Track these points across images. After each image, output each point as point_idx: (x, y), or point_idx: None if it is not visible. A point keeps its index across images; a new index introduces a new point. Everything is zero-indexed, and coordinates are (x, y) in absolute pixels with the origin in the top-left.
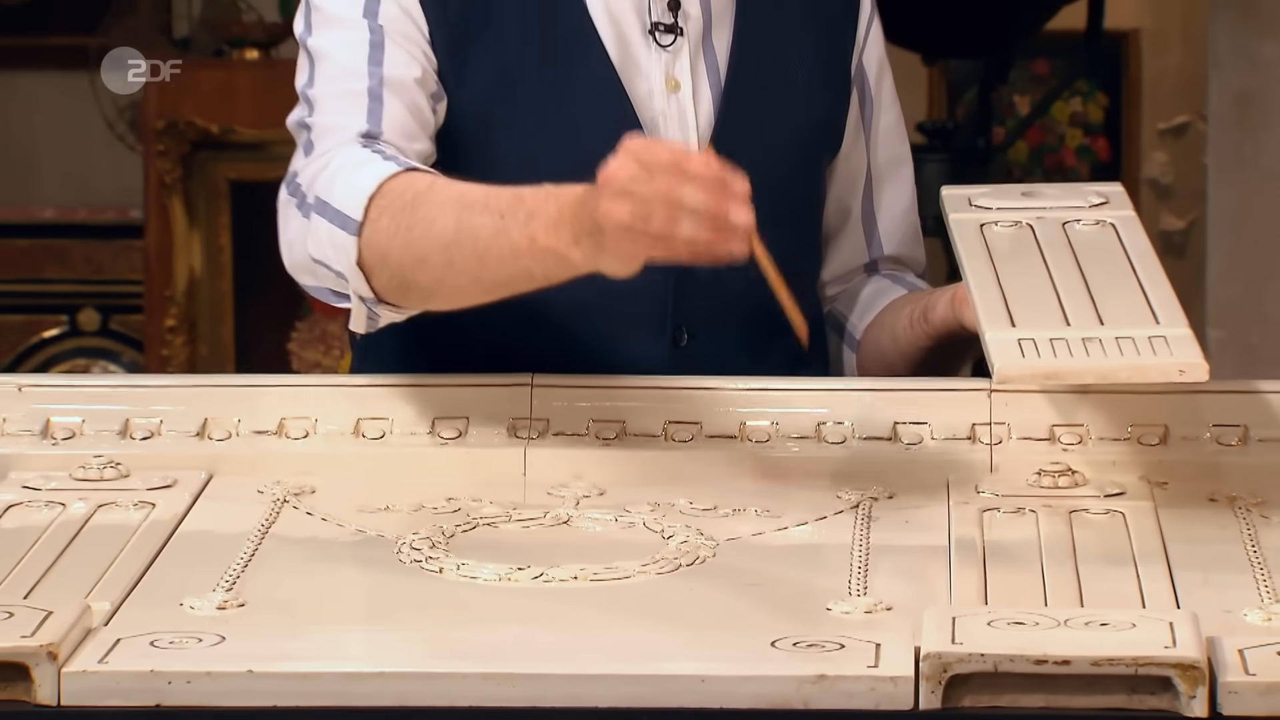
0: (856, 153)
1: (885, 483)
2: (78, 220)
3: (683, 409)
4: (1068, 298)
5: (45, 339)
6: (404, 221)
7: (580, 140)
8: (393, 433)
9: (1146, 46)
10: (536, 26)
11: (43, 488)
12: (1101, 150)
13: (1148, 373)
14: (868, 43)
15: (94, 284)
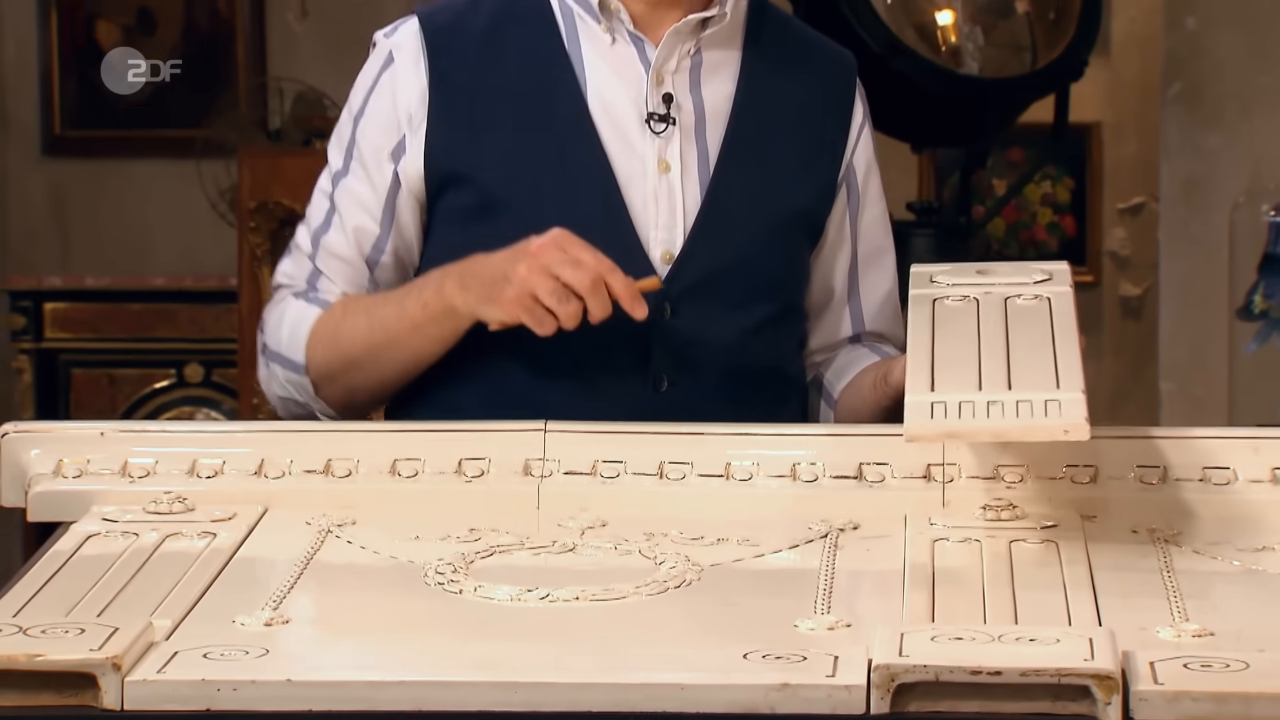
0: (843, 241)
1: (851, 515)
2: (185, 287)
3: (676, 451)
4: (987, 364)
5: (156, 389)
6: (333, 345)
7: (575, 217)
8: (424, 472)
9: (1107, 137)
10: (537, 116)
11: (119, 520)
12: (1069, 227)
13: (1036, 433)
14: (858, 146)
15: (198, 342)
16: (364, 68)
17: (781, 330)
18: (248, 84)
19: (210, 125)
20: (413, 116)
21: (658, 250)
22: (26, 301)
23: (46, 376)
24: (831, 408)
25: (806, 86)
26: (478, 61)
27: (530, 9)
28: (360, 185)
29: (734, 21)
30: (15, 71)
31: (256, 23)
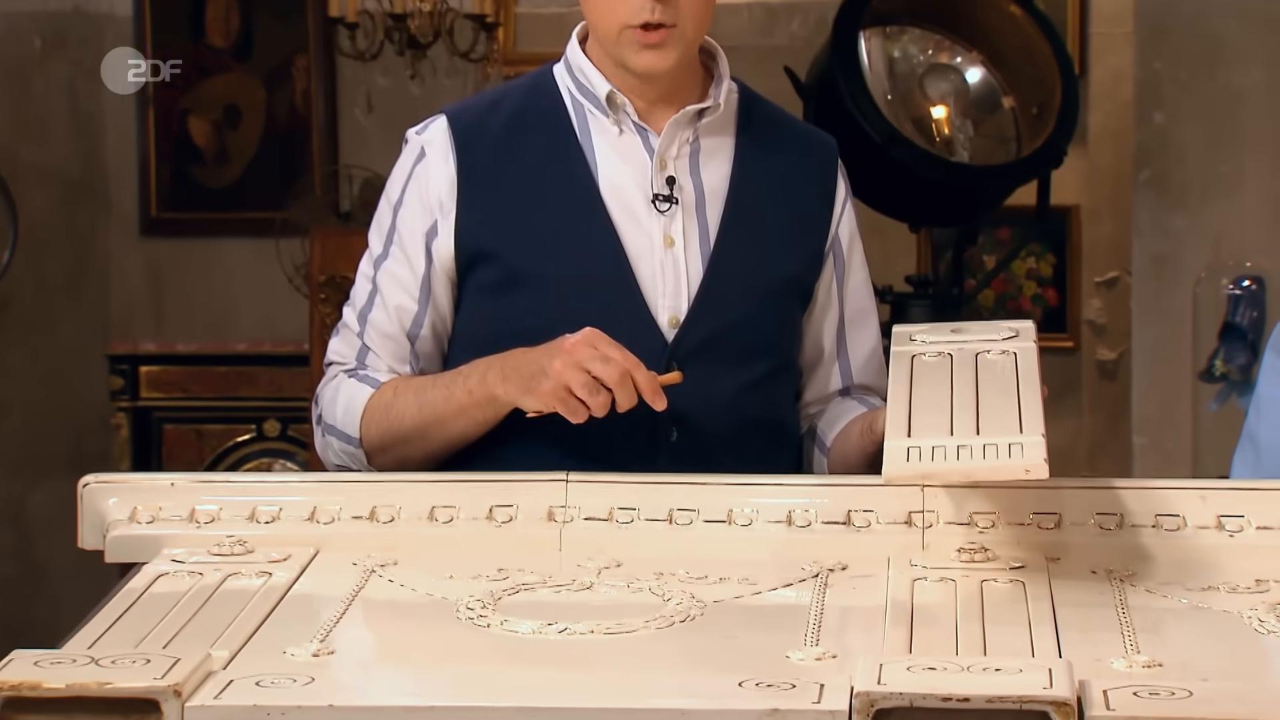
0: (830, 304)
1: (840, 557)
2: (264, 351)
3: (684, 499)
4: (959, 412)
5: (239, 442)
6: (385, 423)
7: (590, 289)
8: (458, 518)
9: (1085, 218)
10: (554, 200)
11: (186, 561)
12: (1051, 298)
13: (1000, 472)
14: (842, 219)
15: (276, 400)
16: (399, 161)
17: (777, 385)
18: (321, 171)
19: (288, 208)
20: (443, 203)
21: (665, 316)
22: (124, 365)
23: (141, 432)
24: (825, 454)
25: (794, 168)
26: (500, 153)
27: (546, 106)
28: (399, 267)
29: (727, 111)
30: (117, 162)
31: (329, 117)
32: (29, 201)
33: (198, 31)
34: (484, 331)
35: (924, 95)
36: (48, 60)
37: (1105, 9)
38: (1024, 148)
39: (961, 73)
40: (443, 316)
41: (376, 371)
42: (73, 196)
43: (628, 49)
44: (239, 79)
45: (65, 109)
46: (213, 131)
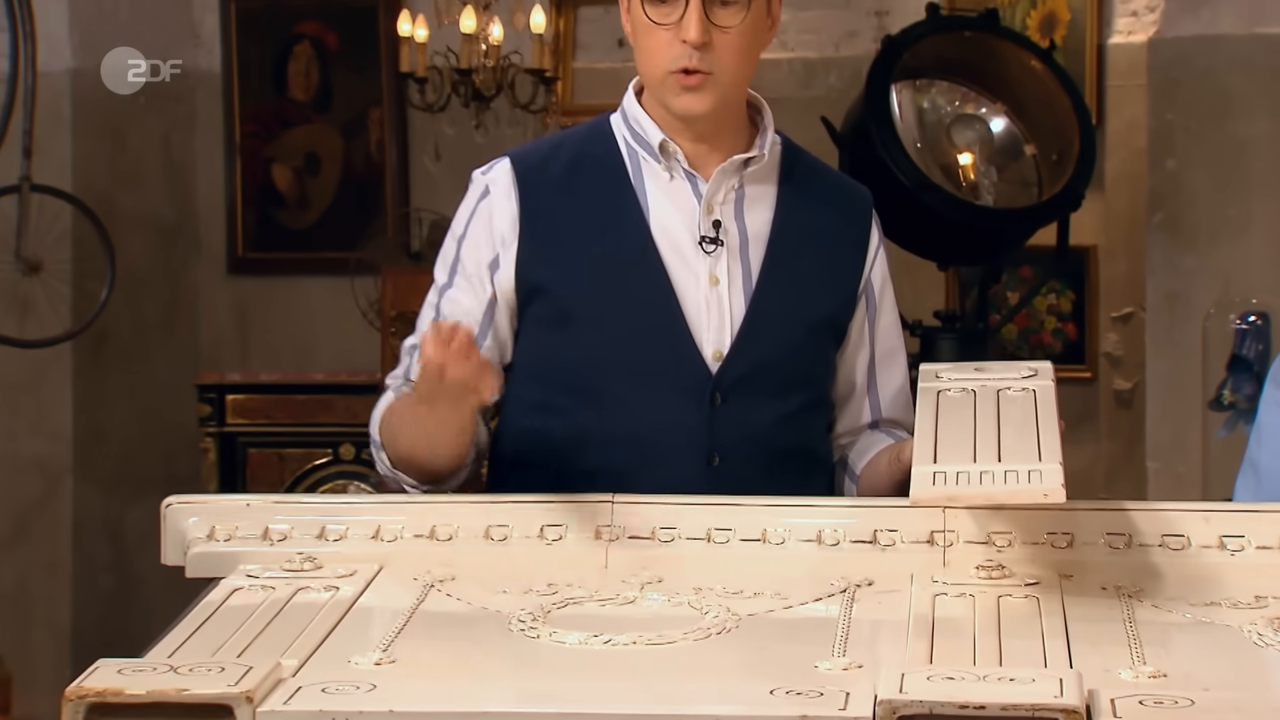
0: (862, 343)
1: (866, 574)
2: (340, 381)
3: (721, 519)
4: (981, 442)
5: (316, 465)
6: (387, 434)
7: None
8: (512, 536)
9: (1102, 258)
10: (608, 240)
11: (260, 576)
12: (1071, 332)
13: (1020, 496)
14: (874, 264)
15: (351, 426)
16: (464, 199)
17: (812, 417)
18: (393, 214)
19: (362, 248)
20: (505, 238)
21: (709, 349)
22: (212, 394)
23: (227, 455)
24: (854, 482)
25: (831, 216)
26: (559, 194)
27: (603, 152)
28: (463, 295)
29: (770, 161)
30: (207, 206)
31: (401, 164)
32: (126, 244)
33: (281, 86)
34: (542, 361)
35: (951, 143)
36: (143, 113)
37: (1121, 63)
38: (1044, 192)
39: (986, 122)
40: (503, 344)
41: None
42: (166, 239)
43: (669, 92)
44: (318, 129)
45: (159, 158)
46: (294, 178)
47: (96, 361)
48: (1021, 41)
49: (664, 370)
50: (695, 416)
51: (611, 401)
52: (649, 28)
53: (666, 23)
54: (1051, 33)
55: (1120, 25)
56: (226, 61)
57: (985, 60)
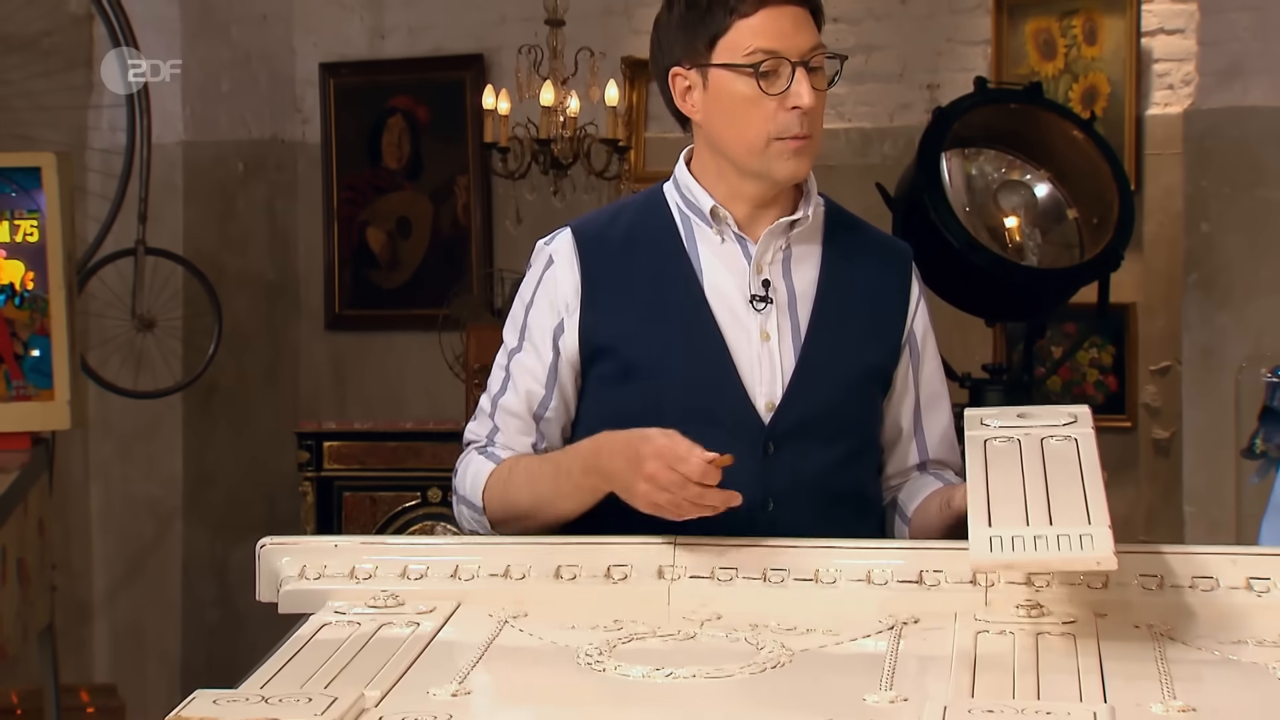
0: (907, 390)
1: (913, 611)
2: (428, 429)
3: (777, 560)
4: (1031, 501)
5: (406, 508)
6: (503, 498)
7: (696, 379)
8: (580, 575)
9: (1141, 315)
10: (665, 301)
11: (347, 612)
12: (1112, 384)
13: (1074, 564)
14: (916, 315)
15: (438, 471)
16: (530, 268)
17: (861, 461)
18: (478, 274)
19: (449, 306)
20: (569, 304)
21: (762, 401)
22: (310, 441)
23: (324, 498)
24: (906, 524)
25: (874, 272)
26: (618, 261)
27: (658, 219)
28: (530, 359)
29: (815, 223)
30: (307, 267)
31: (485, 228)
32: (232, 302)
33: (375, 156)
34: (606, 416)
35: (998, 207)
36: (249, 182)
37: (1158, 133)
38: (1086, 253)
39: (1031, 188)
40: (567, 402)
41: (503, 448)
42: (269, 297)
43: (775, 160)
44: (409, 196)
45: (264, 223)
46: (387, 241)
47: (205, 411)
48: (1064, 112)
49: (719, 421)
50: (749, 464)
51: None
52: (753, 99)
53: (774, 92)
54: (1093, 104)
55: (1158, 97)
56: (325, 133)
57: (1030, 130)
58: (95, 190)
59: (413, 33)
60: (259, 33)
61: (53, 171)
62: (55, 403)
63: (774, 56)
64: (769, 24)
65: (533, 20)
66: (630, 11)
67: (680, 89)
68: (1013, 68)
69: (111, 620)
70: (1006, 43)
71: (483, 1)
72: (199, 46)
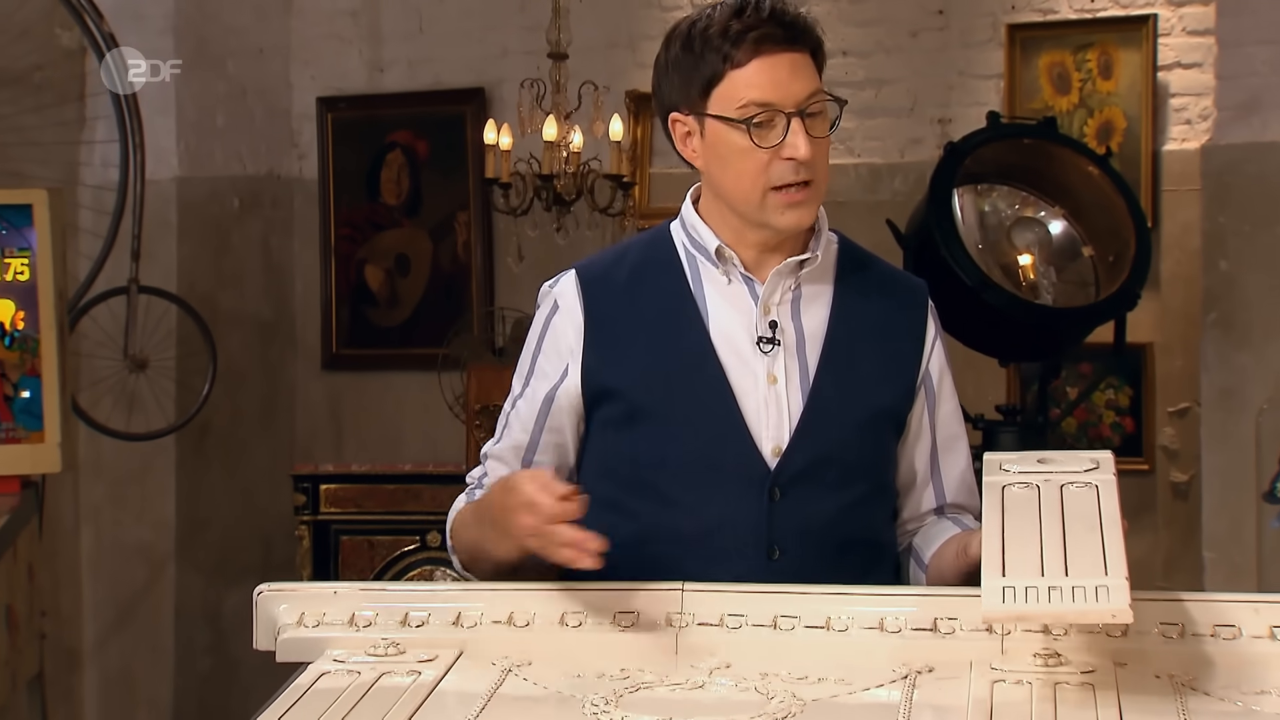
0: (923, 432)
1: (927, 660)
2: (427, 471)
3: (787, 607)
4: (1048, 550)
5: (405, 552)
6: (462, 541)
7: (701, 422)
8: (586, 623)
9: (1157, 354)
10: (670, 343)
11: (346, 660)
12: (1128, 426)
13: (1089, 616)
14: (932, 355)
15: (438, 515)
16: (537, 313)
17: (873, 506)
18: (479, 313)
19: (449, 345)
20: (573, 349)
21: (768, 446)
22: (307, 484)
23: (321, 542)
24: (923, 570)
25: (888, 310)
26: (623, 301)
27: (663, 259)
28: (526, 406)
29: (826, 260)
30: (303, 305)
31: (486, 265)
32: (227, 341)
33: (373, 192)
34: (610, 460)
35: (1011, 245)
36: (245, 218)
37: (1175, 169)
38: (1102, 292)
39: (1045, 225)
40: (562, 445)
41: (480, 489)
42: (264, 336)
43: (773, 210)
44: (408, 232)
45: (259, 261)
46: (385, 278)
47: (198, 453)
48: (1079, 148)
49: (723, 466)
50: (755, 511)
51: (674, 498)
52: (748, 151)
53: (767, 145)
54: (1108, 140)
55: (1174, 133)
56: (323, 169)
57: (1044, 165)
58: (87, 227)
59: (412, 66)
60: (255, 66)
61: (44, 208)
62: (45, 445)
63: (768, 109)
64: (762, 74)
65: (535, 54)
66: (635, 44)
67: (680, 134)
68: (1026, 102)
69: (102, 668)
70: (1019, 76)
71: (484, 35)
72: (194, 80)
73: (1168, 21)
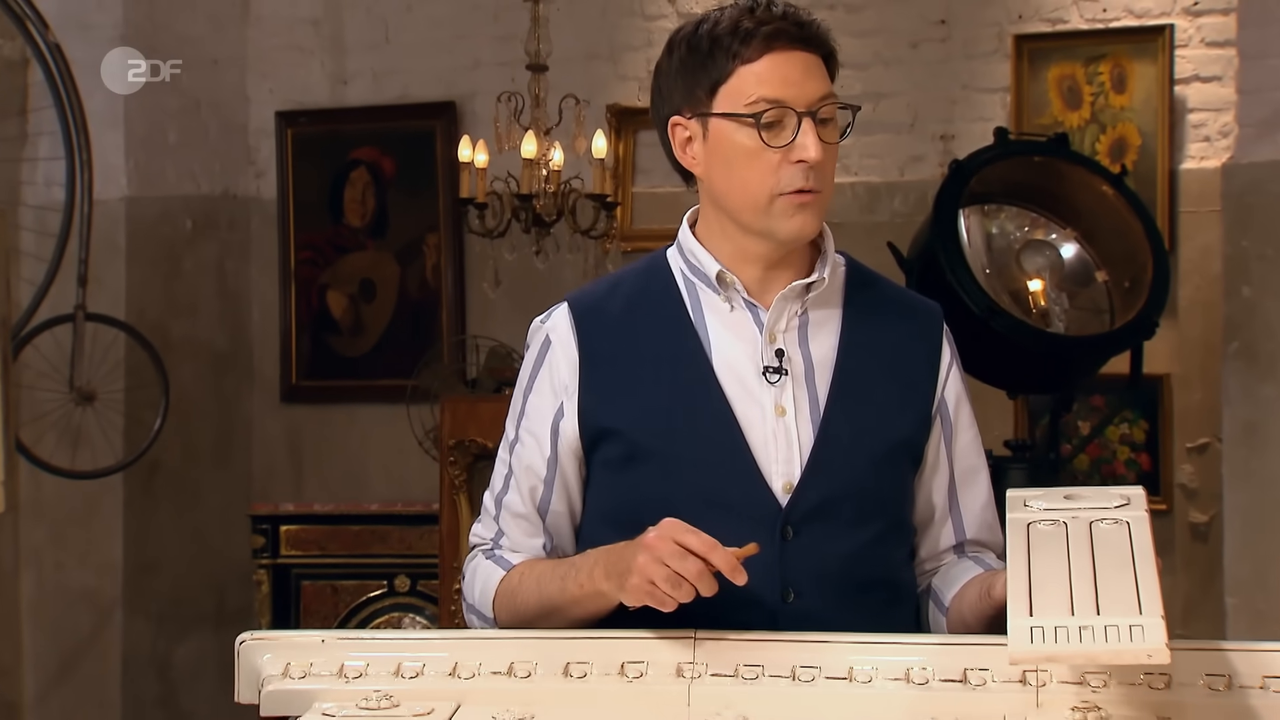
0: (942, 464)
1: (957, 714)
2: (395, 511)
3: (807, 657)
4: (1078, 588)
5: (371, 597)
6: (511, 607)
7: (707, 460)
8: (591, 673)
9: (1176, 386)
10: (671, 377)
11: (336, 715)
12: (1144, 462)
13: (1124, 656)
14: (948, 382)
15: (406, 557)
16: (528, 351)
17: (890, 544)
18: (449, 341)
19: (418, 375)
20: (568, 386)
21: (779, 482)
22: (266, 524)
23: (281, 587)
24: (943, 614)
25: (900, 335)
26: (619, 334)
27: (660, 287)
28: (531, 453)
29: (834, 284)
30: (261, 333)
31: (458, 290)
32: (179, 372)
33: (336, 213)
34: (612, 504)
35: (1021, 269)
36: (198, 241)
37: (1193, 189)
38: (1117, 319)
39: (1057, 248)
40: (571, 494)
41: (510, 551)
42: (219, 367)
43: (780, 215)
44: (374, 256)
45: (213, 286)
46: (349, 305)
47: (148, 492)
48: (1092, 166)
49: (732, 505)
50: (767, 552)
51: None
52: (756, 152)
53: (778, 144)
54: (1122, 157)
55: (1192, 150)
56: (282, 188)
57: (1055, 185)
58: (30, 250)
59: (378, 78)
60: (209, 79)
61: None
62: None
63: (778, 106)
64: (774, 71)
65: (509, 65)
66: (616, 56)
67: (680, 139)
68: (1034, 117)
69: None
70: (1027, 90)
71: (454, 45)
72: (144, 94)
73: (1185, 32)
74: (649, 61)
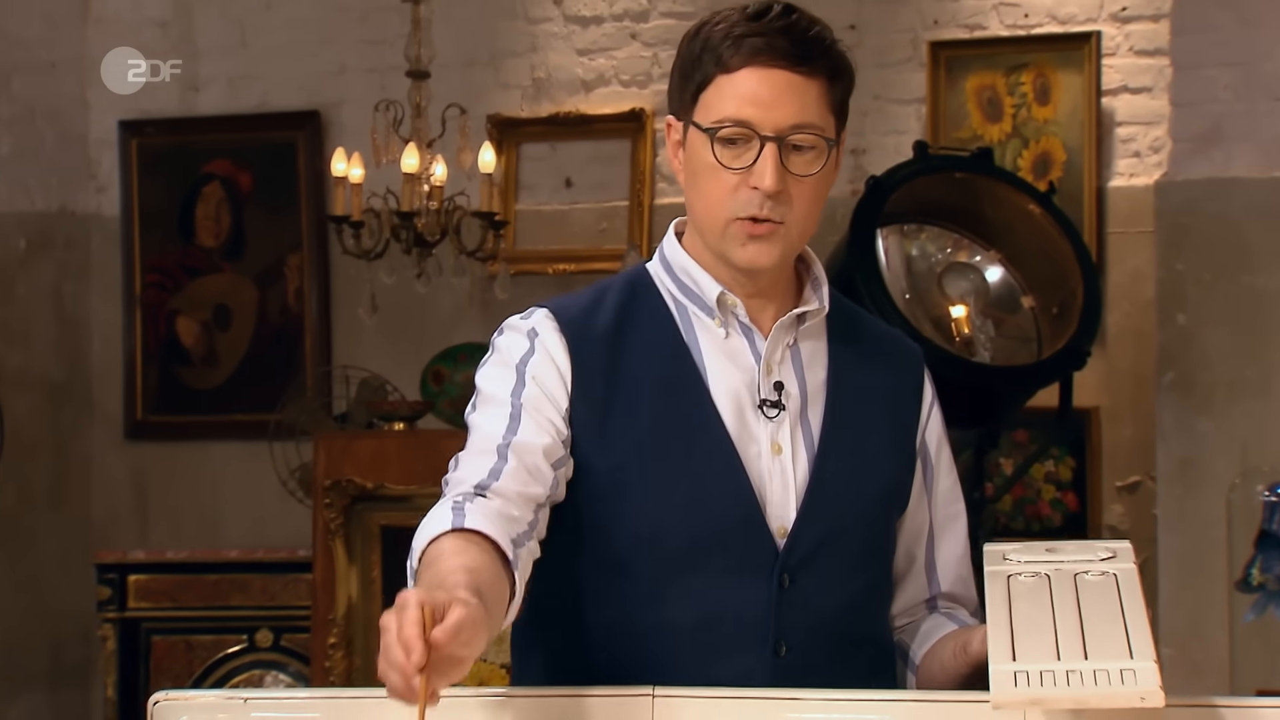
0: (920, 510)
1: None
2: (256, 559)
3: (776, 715)
4: (1063, 633)
5: (229, 654)
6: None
7: (705, 496)
8: None
9: (1105, 421)
10: (665, 404)
11: None
12: (1071, 503)
13: (1115, 699)
14: (929, 422)
15: (269, 609)
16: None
17: (878, 599)
18: (314, 373)
19: (281, 410)
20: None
21: (774, 525)
22: (112, 574)
23: (129, 643)
24: (913, 673)
25: (885, 373)
26: (608, 352)
27: (648, 306)
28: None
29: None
30: (101, 363)
31: (323, 315)
32: (11, 406)
33: (187, 232)
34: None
35: (943, 294)
36: (32, 261)
37: (1122, 208)
38: (1045, 348)
39: (981, 272)
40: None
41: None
42: (56, 400)
43: (732, 241)
44: (229, 279)
45: (49, 312)
46: (201, 332)
47: None
48: (1018, 184)
49: (730, 549)
50: (762, 599)
51: (664, 582)
52: (714, 169)
53: (736, 166)
54: (1046, 174)
55: (1121, 166)
56: (126, 204)
57: (978, 204)
58: None
59: (233, 85)
60: (45, 84)
61: None
62: None
63: (740, 125)
64: (747, 87)
65: (379, 71)
66: (497, 62)
67: (671, 142)
68: (951, 130)
69: None
70: (944, 102)
71: (318, 49)
72: None
73: (1112, 40)
74: (533, 68)
